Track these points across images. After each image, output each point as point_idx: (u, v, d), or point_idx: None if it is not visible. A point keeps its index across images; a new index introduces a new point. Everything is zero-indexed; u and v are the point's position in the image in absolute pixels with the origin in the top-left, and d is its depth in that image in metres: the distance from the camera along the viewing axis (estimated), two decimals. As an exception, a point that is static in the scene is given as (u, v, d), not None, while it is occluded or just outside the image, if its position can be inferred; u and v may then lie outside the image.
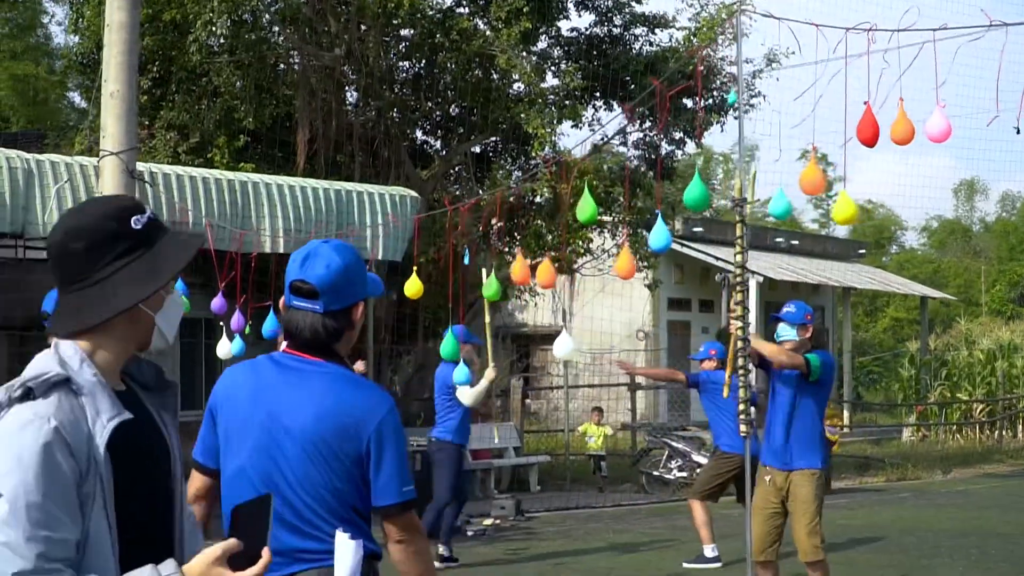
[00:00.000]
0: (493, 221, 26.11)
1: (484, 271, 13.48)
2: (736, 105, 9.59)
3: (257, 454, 4.75)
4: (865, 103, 8.64)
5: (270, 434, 4.73)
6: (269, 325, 15.41)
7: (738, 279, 9.94)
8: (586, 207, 10.70)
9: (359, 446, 4.66)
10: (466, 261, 13.96)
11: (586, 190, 10.90)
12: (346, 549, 4.59)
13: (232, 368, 5.06)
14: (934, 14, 9.15)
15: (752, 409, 10.96)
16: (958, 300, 54.62)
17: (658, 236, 10.04)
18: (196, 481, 5.05)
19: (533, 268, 13.25)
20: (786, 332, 10.92)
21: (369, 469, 4.69)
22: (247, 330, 15.98)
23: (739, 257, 9.85)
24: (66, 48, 31.81)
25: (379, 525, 4.81)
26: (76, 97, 42.70)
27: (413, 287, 14.19)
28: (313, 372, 4.80)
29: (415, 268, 14.55)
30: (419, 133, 27.63)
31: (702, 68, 23.41)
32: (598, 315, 34.45)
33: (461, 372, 13.95)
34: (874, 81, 8.69)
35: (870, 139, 8.62)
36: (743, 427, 10.41)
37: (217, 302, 16.02)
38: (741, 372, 10.22)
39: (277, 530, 4.67)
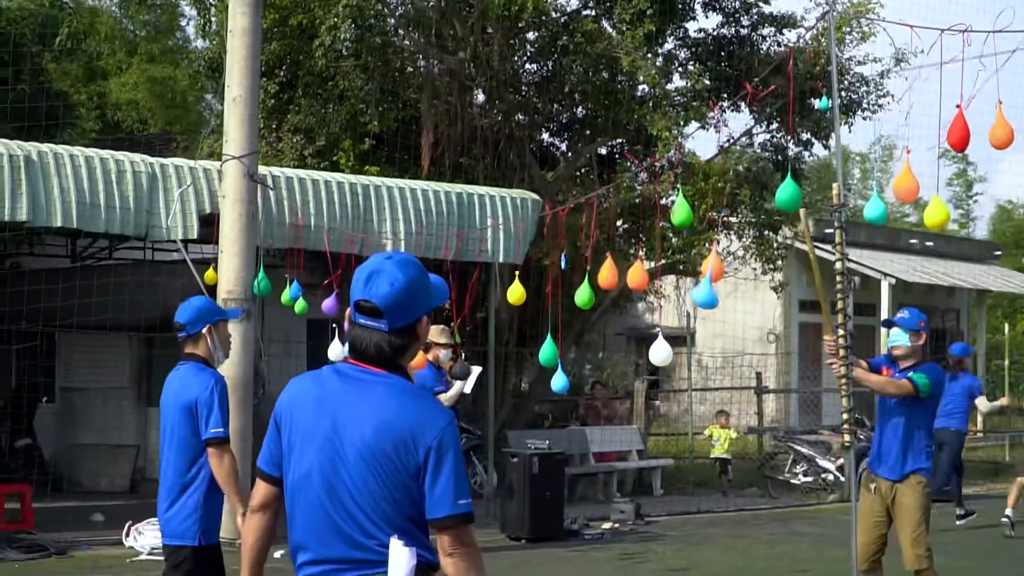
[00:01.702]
0: (619, 223, 26.07)
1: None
2: (829, 110, 9.39)
3: (320, 462, 4.81)
4: (957, 106, 8.50)
5: (332, 443, 4.79)
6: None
7: (839, 286, 9.82)
8: (680, 211, 10.70)
9: (416, 457, 4.69)
10: (563, 267, 14.05)
11: (680, 195, 10.89)
12: (400, 556, 4.65)
13: (297, 378, 5.12)
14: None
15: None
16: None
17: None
18: (261, 490, 5.12)
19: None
20: (899, 337, 10.80)
21: (425, 481, 4.71)
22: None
23: (839, 264, 9.73)
24: (195, 52, 32.11)
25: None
26: (213, 100, 43.25)
27: (515, 293, 14.26)
28: (375, 383, 4.84)
29: (517, 274, 14.61)
30: (544, 135, 27.60)
31: (797, 68, 23.14)
32: (729, 319, 34.23)
33: (560, 379, 13.87)
34: (970, 83, 8.54)
35: (959, 143, 8.48)
36: (846, 436, 10.30)
37: (329, 303, 16.19)
38: (844, 382, 10.10)
39: (334, 538, 4.75)
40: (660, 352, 11.64)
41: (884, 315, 34.17)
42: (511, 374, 26.15)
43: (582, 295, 12.76)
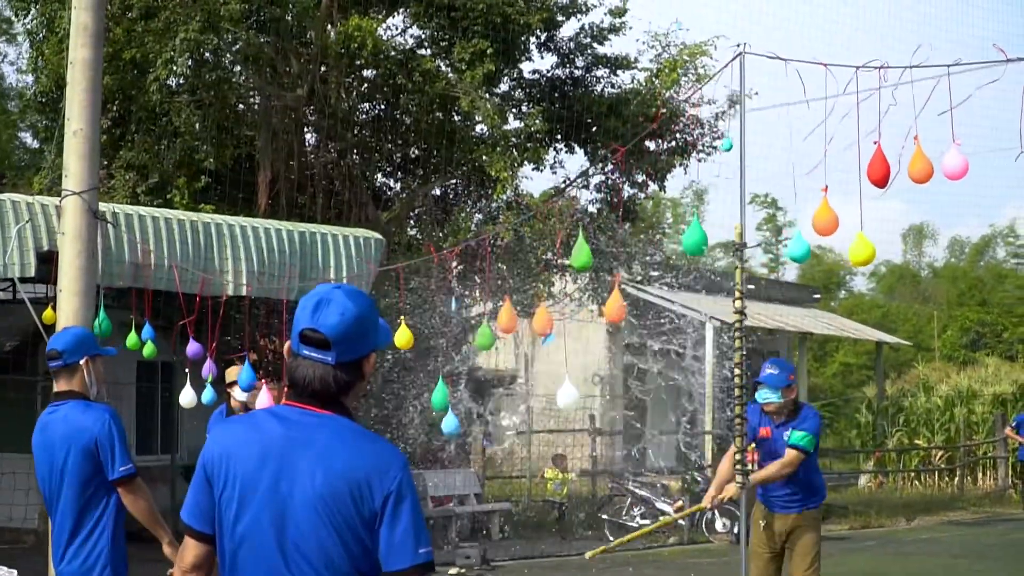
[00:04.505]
0: (453, 264, 25.82)
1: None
2: (730, 149, 9.23)
3: (264, 519, 4.39)
4: (875, 143, 8.45)
5: (279, 493, 4.37)
6: (246, 377, 14.43)
7: (738, 326, 9.67)
8: (580, 254, 10.53)
9: (373, 504, 4.31)
10: (453, 308, 13.70)
11: (580, 237, 10.69)
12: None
13: (227, 425, 4.69)
14: (946, 49, 8.93)
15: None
16: (912, 345, 54.61)
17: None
18: (192, 549, 4.63)
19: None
20: (768, 395, 10.72)
21: (382, 529, 4.33)
22: (210, 379, 15.40)
23: (739, 303, 9.57)
24: (24, 87, 31.27)
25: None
26: (28, 137, 42.31)
27: (403, 337, 13.44)
28: (320, 426, 4.44)
29: (402, 318, 14.12)
30: (379, 175, 27.27)
31: (663, 115, 23.24)
32: (557, 359, 34.21)
33: (451, 421, 13.35)
34: (871, 120, 8.50)
35: (882, 179, 8.43)
36: (739, 477, 10.14)
37: (193, 347, 15.45)
38: (739, 422, 9.98)
39: None
40: (568, 395, 11.40)
41: (709, 356, 34.53)
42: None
43: (483, 336, 12.38)
